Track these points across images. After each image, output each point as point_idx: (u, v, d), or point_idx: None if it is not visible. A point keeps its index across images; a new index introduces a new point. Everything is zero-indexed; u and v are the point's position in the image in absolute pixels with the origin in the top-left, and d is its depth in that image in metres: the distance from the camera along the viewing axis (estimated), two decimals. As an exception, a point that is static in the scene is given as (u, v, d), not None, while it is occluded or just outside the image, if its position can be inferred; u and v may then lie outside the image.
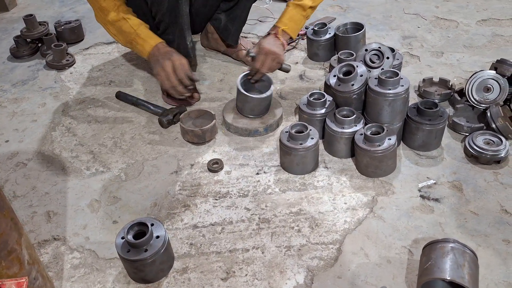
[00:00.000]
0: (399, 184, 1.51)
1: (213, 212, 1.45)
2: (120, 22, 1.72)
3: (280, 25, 1.83)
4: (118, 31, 1.76)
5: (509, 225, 1.35)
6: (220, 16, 2.09)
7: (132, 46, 1.78)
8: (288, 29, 1.83)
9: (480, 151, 1.54)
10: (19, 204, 1.52)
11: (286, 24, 1.83)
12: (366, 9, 2.70)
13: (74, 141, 1.78)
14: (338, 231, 1.37)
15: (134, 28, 1.72)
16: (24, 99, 2.06)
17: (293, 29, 1.85)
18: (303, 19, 1.86)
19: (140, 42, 1.74)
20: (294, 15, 1.83)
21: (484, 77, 1.69)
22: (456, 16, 2.55)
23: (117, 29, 1.75)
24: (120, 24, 1.73)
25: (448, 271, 1.09)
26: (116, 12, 1.71)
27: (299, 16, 1.84)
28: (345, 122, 1.57)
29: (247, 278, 1.25)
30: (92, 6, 1.76)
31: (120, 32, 1.75)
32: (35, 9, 2.94)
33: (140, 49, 1.76)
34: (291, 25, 1.83)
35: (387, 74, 1.53)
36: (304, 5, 1.81)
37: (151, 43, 1.73)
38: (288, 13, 1.84)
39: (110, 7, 1.70)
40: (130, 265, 1.20)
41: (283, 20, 1.84)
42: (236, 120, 1.77)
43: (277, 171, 1.60)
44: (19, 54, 2.38)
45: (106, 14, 1.72)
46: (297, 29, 1.87)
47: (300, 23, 1.86)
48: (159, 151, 1.71)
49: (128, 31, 1.73)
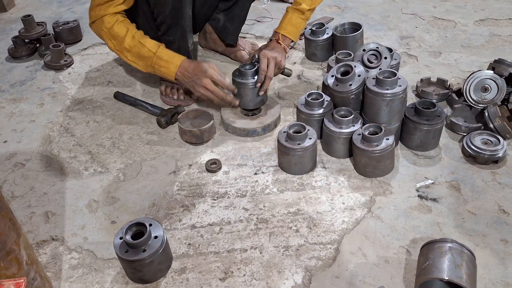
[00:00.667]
0: (397, 184, 1.51)
1: (211, 212, 1.45)
2: (137, 47, 1.67)
3: (280, 31, 1.87)
4: (137, 57, 1.70)
5: (507, 225, 1.35)
6: (218, 16, 2.09)
7: (155, 70, 1.71)
8: (288, 33, 1.86)
9: (478, 151, 1.54)
10: (17, 205, 1.52)
11: (285, 29, 1.86)
12: (364, 9, 2.70)
13: (72, 142, 1.78)
14: (336, 231, 1.37)
15: (153, 51, 1.67)
16: (22, 100, 2.06)
17: (294, 33, 1.88)
18: (302, 22, 1.89)
19: (163, 65, 1.68)
20: (293, 19, 1.86)
21: (482, 77, 1.70)
22: (454, 16, 2.55)
23: (136, 55, 1.69)
24: (138, 50, 1.68)
25: (446, 271, 1.09)
26: (131, 37, 1.67)
27: (299, 20, 1.87)
28: (343, 122, 1.57)
29: (245, 278, 1.25)
30: (103, 36, 1.70)
31: (139, 58, 1.70)
32: (33, 10, 2.94)
33: (164, 71, 1.70)
34: (291, 29, 1.87)
35: (385, 74, 1.54)
36: (302, 9, 1.84)
37: (176, 63, 1.68)
38: (287, 18, 1.87)
39: (123, 33, 1.66)
40: (129, 265, 1.20)
41: (283, 25, 1.87)
42: (234, 121, 1.77)
43: (275, 171, 1.60)
44: (17, 54, 2.38)
45: (121, 42, 1.67)
46: (297, 33, 1.91)
47: (300, 26, 1.89)
48: (157, 152, 1.71)
49: (148, 55, 1.67)
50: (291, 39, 1.88)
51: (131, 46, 1.68)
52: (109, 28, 1.66)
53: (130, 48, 1.68)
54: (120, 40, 1.68)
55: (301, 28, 1.91)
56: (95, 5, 1.67)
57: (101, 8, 1.66)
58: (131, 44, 1.67)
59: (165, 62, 1.68)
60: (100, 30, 1.69)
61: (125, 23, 1.69)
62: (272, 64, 1.75)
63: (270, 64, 1.76)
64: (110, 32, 1.67)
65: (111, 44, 1.71)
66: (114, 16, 1.67)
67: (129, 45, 1.67)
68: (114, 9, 1.66)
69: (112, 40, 1.69)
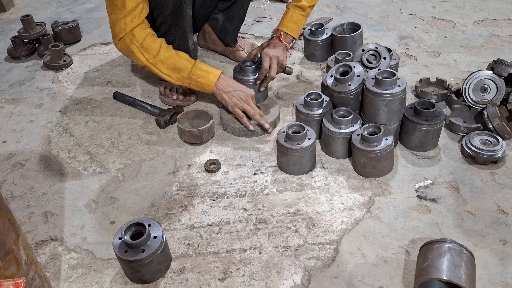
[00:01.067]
0: (396, 184, 1.51)
1: (210, 213, 1.45)
2: (173, 59, 1.66)
3: (282, 28, 1.87)
4: (172, 69, 1.67)
5: (506, 225, 1.36)
6: (217, 16, 2.09)
7: (191, 81, 1.69)
8: (289, 30, 1.87)
9: (477, 151, 1.54)
10: (16, 205, 1.52)
11: (287, 26, 1.87)
12: (363, 10, 2.70)
13: (71, 142, 1.78)
14: (335, 231, 1.37)
15: (192, 62, 1.67)
16: (21, 100, 2.06)
17: (295, 30, 1.89)
18: (303, 19, 1.89)
19: (203, 75, 1.68)
20: (294, 16, 1.87)
21: (481, 77, 1.70)
22: (453, 16, 2.56)
23: (171, 67, 1.67)
24: (174, 61, 1.66)
25: (445, 271, 1.09)
26: (165, 49, 1.66)
27: (299, 17, 1.87)
28: (342, 123, 1.57)
29: (244, 279, 1.25)
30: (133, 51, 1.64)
31: (174, 70, 1.67)
32: (32, 10, 2.94)
33: (203, 82, 1.69)
34: (292, 27, 1.87)
35: (384, 74, 1.54)
36: (303, 5, 1.85)
37: (216, 74, 1.69)
38: (288, 15, 1.88)
39: (157, 45, 1.64)
40: (128, 265, 1.20)
41: (284, 22, 1.88)
42: (233, 120, 1.77)
43: (274, 171, 1.60)
44: (17, 54, 2.37)
45: (155, 54, 1.64)
46: (298, 30, 1.91)
47: (300, 23, 1.89)
48: (156, 152, 1.71)
49: (185, 66, 1.67)
50: (293, 36, 1.89)
51: (167, 57, 1.66)
52: (141, 42, 1.63)
53: (165, 60, 1.66)
54: (154, 53, 1.65)
55: (302, 25, 1.91)
56: (118, 19, 1.60)
57: (126, 22, 1.60)
58: (166, 55, 1.66)
59: (205, 72, 1.68)
60: (131, 45, 1.64)
61: (156, 36, 1.68)
62: (274, 63, 1.78)
63: (273, 63, 1.78)
64: (143, 46, 1.64)
65: (143, 58, 1.66)
66: (145, 30, 1.65)
67: (164, 57, 1.66)
68: (139, 19, 1.62)
69: (144, 53, 1.65)
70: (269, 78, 1.80)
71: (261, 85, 1.81)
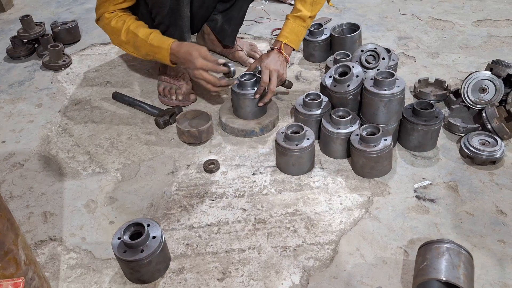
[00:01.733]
0: (395, 184, 1.52)
1: (209, 213, 1.46)
2: (133, 38, 1.71)
3: (282, 39, 1.83)
4: (134, 48, 1.74)
5: (504, 225, 1.36)
6: (216, 17, 2.09)
7: (152, 58, 1.74)
8: (289, 42, 1.83)
9: (475, 151, 1.55)
10: (15, 205, 1.52)
11: (287, 38, 1.83)
12: (362, 10, 2.70)
13: (70, 142, 1.78)
14: (334, 231, 1.37)
15: (145, 39, 1.69)
16: (20, 100, 2.06)
17: (295, 41, 1.85)
18: (303, 30, 1.86)
19: (157, 51, 1.70)
20: (294, 27, 1.83)
21: (479, 78, 1.70)
22: (452, 17, 2.56)
23: (133, 46, 1.74)
24: (134, 40, 1.71)
25: (443, 272, 1.09)
26: (126, 30, 1.70)
27: (300, 28, 1.84)
28: (341, 123, 1.57)
29: (243, 279, 1.25)
30: (107, 32, 1.78)
31: (136, 48, 1.74)
32: (31, 10, 2.94)
33: (160, 57, 1.72)
34: (292, 38, 1.83)
35: (382, 74, 1.54)
36: (303, 16, 1.81)
37: (166, 48, 1.68)
38: (288, 26, 1.83)
39: (119, 26, 1.71)
40: (127, 265, 1.20)
41: (284, 33, 1.84)
42: (232, 121, 1.78)
43: (273, 171, 1.60)
44: (16, 54, 2.38)
45: (118, 35, 1.73)
46: (299, 41, 1.88)
47: (301, 34, 1.86)
48: (155, 152, 1.71)
49: (142, 44, 1.70)
50: (293, 47, 1.85)
51: (128, 38, 1.72)
52: (108, 23, 1.72)
53: (127, 40, 1.72)
54: (118, 34, 1.72)
55: (302, 37, 1.88)
56: (99, 3, 1.73)
57: (103, 6, 1.72)
58: (127, 36, 1.71)
59: (157, 48, 1.70)
60: (103, 27, 1.76)
61: (124, 17, 1.73)
62: (274, 77, 1.74)
63: (273, 77, 1.74)
64: (109, 27, 1.73)
65: (113, 38, 1.78)
66: (113, 12, 1.72)
67: (125, 37, 1.72)
68: (114, 7, 1.71)
69: (113, 34, 1.75)
70: (269, 92, 1.75)
71: (260, 100, 1.75)
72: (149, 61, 2.02)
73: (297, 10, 1.82)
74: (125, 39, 1.72)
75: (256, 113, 1.78)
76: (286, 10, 2.72)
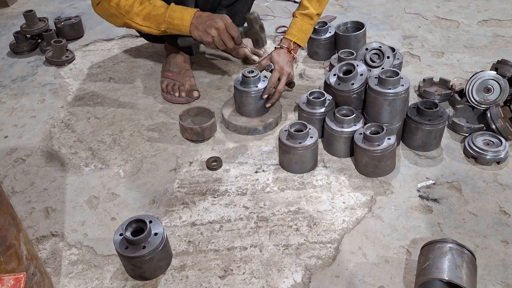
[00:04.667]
0: (398, 184, 1.51)
1: (212, 210, 1.45)
2: (147, 9, 1.67)
3: (291, 38, 1.84)
4: (147, 19, 1.69)
5: (508, 226, 1.35)
6: (221, 12, 2.08)
7: (167, 24, 1.68)
8: (298, 40, 1.85)
9: (479, 152, 1.54)
10: (17, 200, 1.52)
11: (295, 36, 1.84)
12: (367, 8, 2.69)
13: (73, 138, 1.78)
14: (337, 230, 1.37)
15: (165, 7, 1.67)
16: (23, 95, 2.06)
17: (303, 39, 1.87)
18: (311, 28, 1.88)
19: (178, 16, 1.66)
20: (302, 25, 1.84)
21: (484, 77, 1.69)
22: (457, 16, 2.55)
23: (146, 17, 1.68)
24: (148, 10, 1.67)
25: (446, 271, 1.09)
26: (139, 2, 1.66)
27: (307, 26, 1.85)
28: (344, 122, 1.57)
29: (244, 276, 1.25)
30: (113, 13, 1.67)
31: (150, 19, 1.68)
32: (35, 5, 2.94)
33: (178, 23, 1.67)
34: (300, 36, 1.85)
35: (387, 73, 1.53)
36: (310, 14, 1.82)
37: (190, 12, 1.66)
38: (297, 24, 1.85)
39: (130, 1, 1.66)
40: (128, 262, 1.20)
41: (293, 32, 1.85)
42: (235, 118, 1.77)
43: (276, 169, 1.59)
44: (19, 50, 2.37)
45: (129, 10, 1.66)
46: (306, 39, 1.90)
47: (308, 32, 1.88)
48: (158, 149, 1.70)
49: (160, 12, 1.67)
50: (301, 45, 1.88)
51: (140, 9, 1.67)
52: (117, 2, 1.65)
53: (139, 12, 1.67)
54: (129, 9, 1.66)
55: (309, 34, 1.90)
56: None
57: None
58: (140, 7, 1.67)
59: (179, 13, 1.66)
60: (109, 8, 1.66)
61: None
62: (284, 78, 1.76)
63: (282, 78, 1.76)
64: (119, 5, 1.65)
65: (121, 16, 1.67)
66: None
67: (138, 10, 1.66)
68: None
69: (121, 11, 1.66)
70: (276, 93, 1.76)
71: (268, 101, 1.77)
72: (150, 56, 1.97)
73: (304, 7, 1.82)
74: (138, 11, 1.66)
75: (259, 111, 1.77)
76: (290, 7, 2.71)
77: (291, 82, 1.92)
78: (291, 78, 1.85)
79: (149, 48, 2.36)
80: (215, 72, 2.14)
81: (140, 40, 2.41)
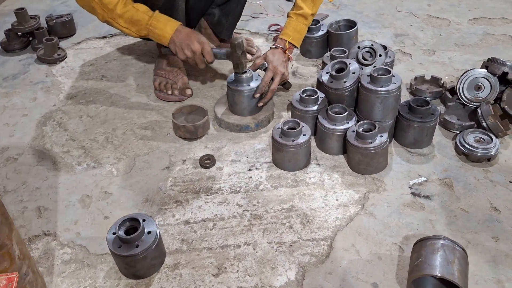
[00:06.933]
0: (390, 181, 1.52)
1: (205, 208, 1.45)
2: (130, 12, 1.66)
3: (286, 38, 1.85)
4: (129, 22, 1.68)
5: (499, 222, 1.37)
6: (214, 11, 2.08)
7: (149, 32, 1.69)
8: (293, 40, 1.86)
9: (470, 149, 1.55)
10: (9, 199, 1.51)
11: (290, 36, 1.85)
12: (359, 7, 2.70)
13: (65, 136, 1.77)
14: (330, 227, 1.37)
15: (149, 14, 1.67)
16: (14, 93, 2.05)
17: (298, 40, 1.89)
18: (305, 28, 1.89)
19: (160, 26, 1.67)
20: (297, 26, 1.86)
21: (475, 75, 1.71)
22: (448, 14, 2.56)
23: (128, 20, 1.68)
24: (131, 14, 1.67)
25: (438, 268, 1.10)
26: (123, 4, 1.66)
27: (302, 26, 1.87)
28: (337, 119, 1.57)
29: (238, 274, 1.25)
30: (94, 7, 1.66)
31: (132, 23, 1.68)
32: (26, 3, 2.91)
33: (159, 33, 1.68)
34: (295, 36, 1.86)
35: (379, 71, 1.54)
36: (305, 14, 1.84)
37: (173, 26, 1.68)
38: (291, 24, 1.86)
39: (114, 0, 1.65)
40: (122, 260, 1.20)
41: (288, 32, 1.86)
42: (227, 116, 1.77)
43: (269, 167, 1.60)
44: (10, 47, 2.35)
45: (113, 9, 1.66)
46: (301, 39, 1.91)
47: (303, 32, 1.90)
48: (151, 147, 1.70)
49: (142, 18, 1.66)
50: (296, 45, 1.89)
51: (124, 11, 1.66)
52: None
53: (122, 14, 1.66)
54: (112, 8, 1.65)
55: (304, 34, 1.91)
56: None
57: None
58: (123, 10, 1.66)
59: (162, 24, 1.67)
60: (91, 2, 1.65)
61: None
62: (278, 78, 1.77)
63: (276, 78, 1.77)
64: (101, 2, 1.64)
65: (103, 13, 1.67)
66: None
67: (121, 11, 1.66)
68: None
69: (103, 9, 1.66)
70: (269, 92, 1.77)
71: (261, 100, 1.77)
72: (142, 54, 1.98)
73: (299, 7, 1.83)
74: (121, 13, 1.66)
75: (252, 110, 1.77)
76: (283, 6, 2.71)
77: (286, 83, 1.92)
78: (286, 79, 1.85)
79: (142, 46, 2.35)
80: (208, 70, 2.14)
81: (133, 38, 2.40)
